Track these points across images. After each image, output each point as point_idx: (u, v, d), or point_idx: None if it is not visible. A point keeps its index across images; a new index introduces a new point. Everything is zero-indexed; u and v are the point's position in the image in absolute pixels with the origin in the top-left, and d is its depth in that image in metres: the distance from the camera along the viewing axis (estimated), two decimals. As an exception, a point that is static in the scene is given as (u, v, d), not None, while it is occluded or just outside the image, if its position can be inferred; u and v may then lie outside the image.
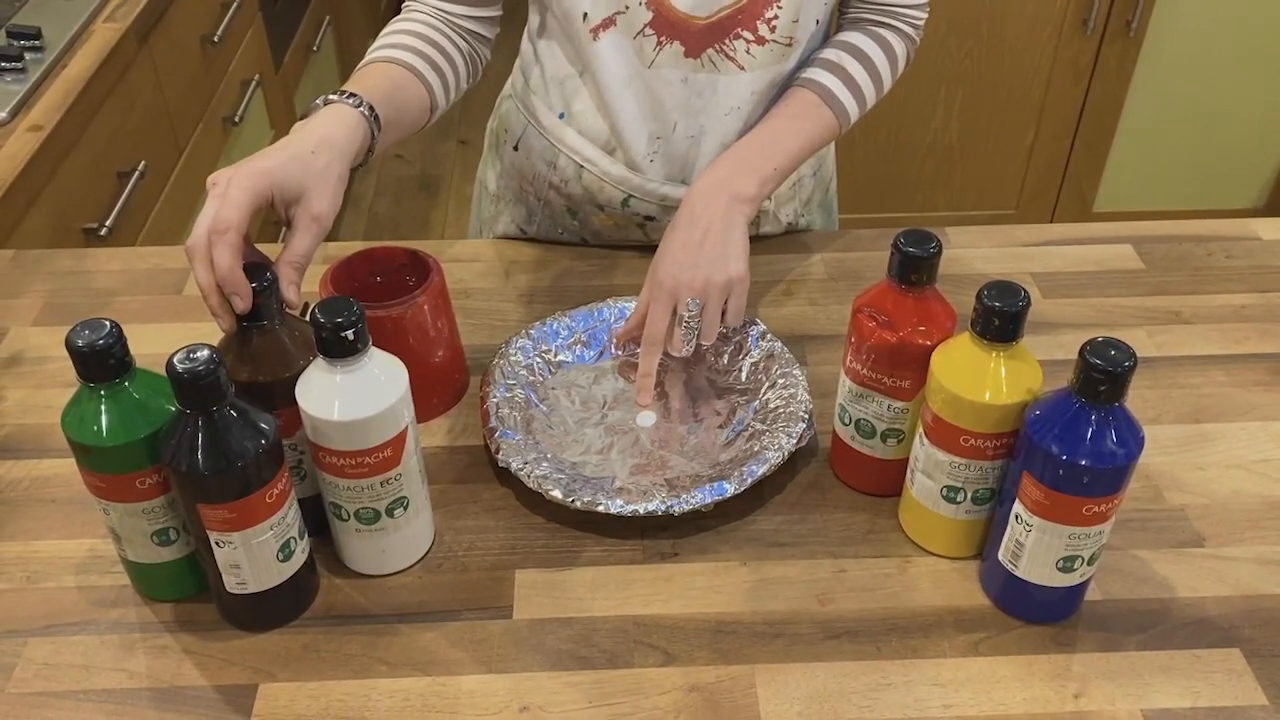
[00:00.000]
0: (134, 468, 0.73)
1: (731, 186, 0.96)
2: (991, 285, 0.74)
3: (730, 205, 0.95)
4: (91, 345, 0.68)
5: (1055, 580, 0.76)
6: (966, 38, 2.27)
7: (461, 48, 1.03)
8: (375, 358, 0.75)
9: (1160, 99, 2.39)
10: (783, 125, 1.02)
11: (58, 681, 0.76)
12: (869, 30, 1.07)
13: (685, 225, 0.95)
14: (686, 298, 0.93)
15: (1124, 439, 0.70)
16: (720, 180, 0.97)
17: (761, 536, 0.86)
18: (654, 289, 0.95)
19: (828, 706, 0.74)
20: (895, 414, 0.83)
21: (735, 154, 1.00)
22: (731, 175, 0.97)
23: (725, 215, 0.95)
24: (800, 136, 1.01)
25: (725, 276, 0.93)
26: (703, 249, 0.94)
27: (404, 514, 0.80)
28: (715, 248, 0.94)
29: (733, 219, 0.95)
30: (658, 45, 1.00)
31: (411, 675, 0.76)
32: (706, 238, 0.94)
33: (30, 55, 1.45)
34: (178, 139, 1.78)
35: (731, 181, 0.97)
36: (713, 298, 0.93)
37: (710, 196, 0.96)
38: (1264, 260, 1.14)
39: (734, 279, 0.94)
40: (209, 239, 0.75)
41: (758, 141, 1.01)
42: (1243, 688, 0.75)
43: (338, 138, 0.84)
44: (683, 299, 0.93)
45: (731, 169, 0.98)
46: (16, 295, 1.10)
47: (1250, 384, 0.99)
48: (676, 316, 0.94)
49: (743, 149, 1.00)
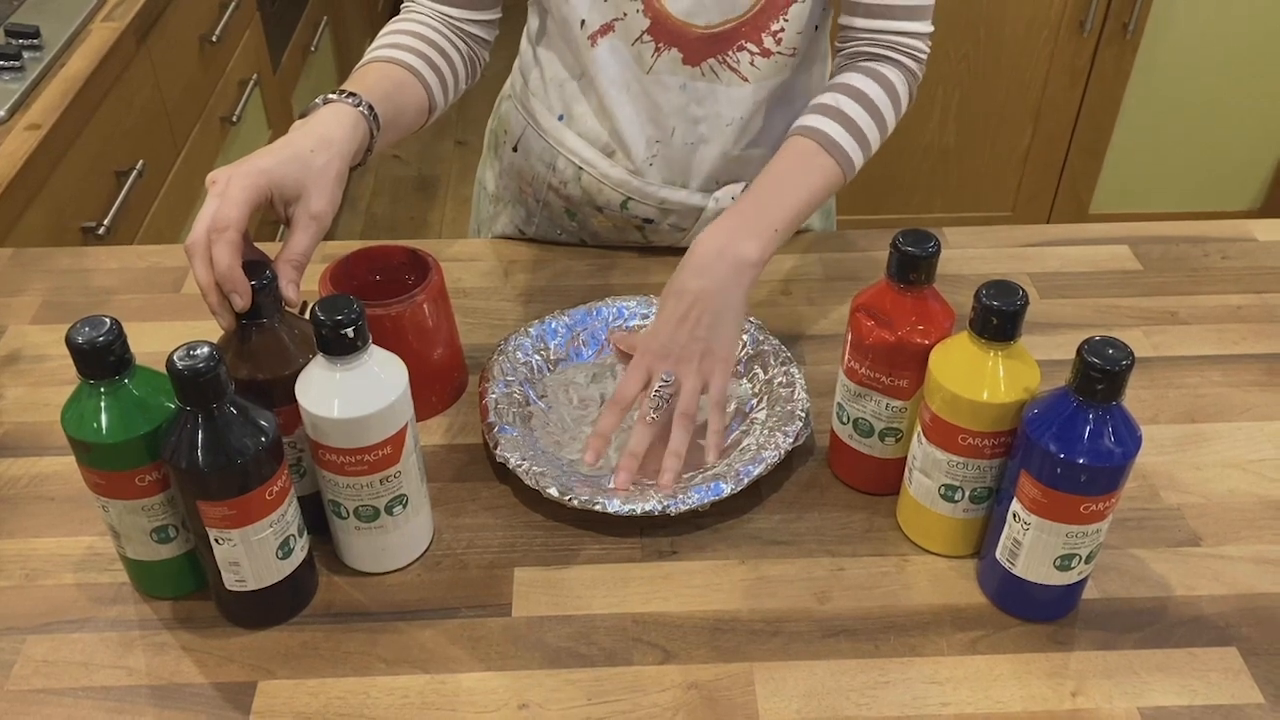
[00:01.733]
0: (133, 465, 0.73)
1: (732, 254, 0.89)
2: (990, 285, 0.74)
3: (731, 276, 0.89)
4: (92, 342, 0.69)
5: (1053, 579, 0.76)
6: (963, 40, 2.27)
7: (461, 49, 1.03)
8: (375, 356, 0.75)
9: (1157, 101, 2.39)
10: (783, 179, 0.95)
11: (57, 679, 0.76)
12: (866, 68, 1.00)
13: (676, 294, 0.89)
14: (662, 370, 0.88)
15: (1121, 438, 0.70)
16: (720, 248, 0.89)
17: (760, 535, 0.86)
18: (639, 348, 0.90)
19: (825, 704, 0.74)
20: (893, 413, 0.84)
21: (734, 215, 0.92)
22: (731, 240, 0.90)
23: (722, 288, 0.88)
24: (802, 190, 0.94)
25: (707, 357, 0.88)
26: (684, 324, 0.88)
27: (403, 512, 0.80)
28: (701, 325, 0.88)
29: (729, 292, 0.89)
30: (655, 52, 1.00)
31: (410, 673, 0.76)
32: (691, 313, 0.88)
33: (28, 54, 1.45)
34: (176, 138, 1.78)
35: (731, 248, 0.89)
36: (690, 377, 0.88)
37: (708, 266, 0.89)
38: (1260, 261, 1.15)
39: (718, 360, 0.89)
40: (208, 237, 0.75)
41: (757, 200, 0.93)
42: (1239, 686, 0.75)
43: (337, 137, 0.84)
44: (657, 371, 0.89)
45: (731, 233, 0.90)
46: (15, 293, 1.10)
47: (1246, 384, 1.00)
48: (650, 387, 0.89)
49: (742, 209, 0.93)
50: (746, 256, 0.89)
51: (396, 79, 0.96)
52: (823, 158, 0.96)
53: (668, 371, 0.88)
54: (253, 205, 0.78)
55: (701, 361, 0.88)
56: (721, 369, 0.89)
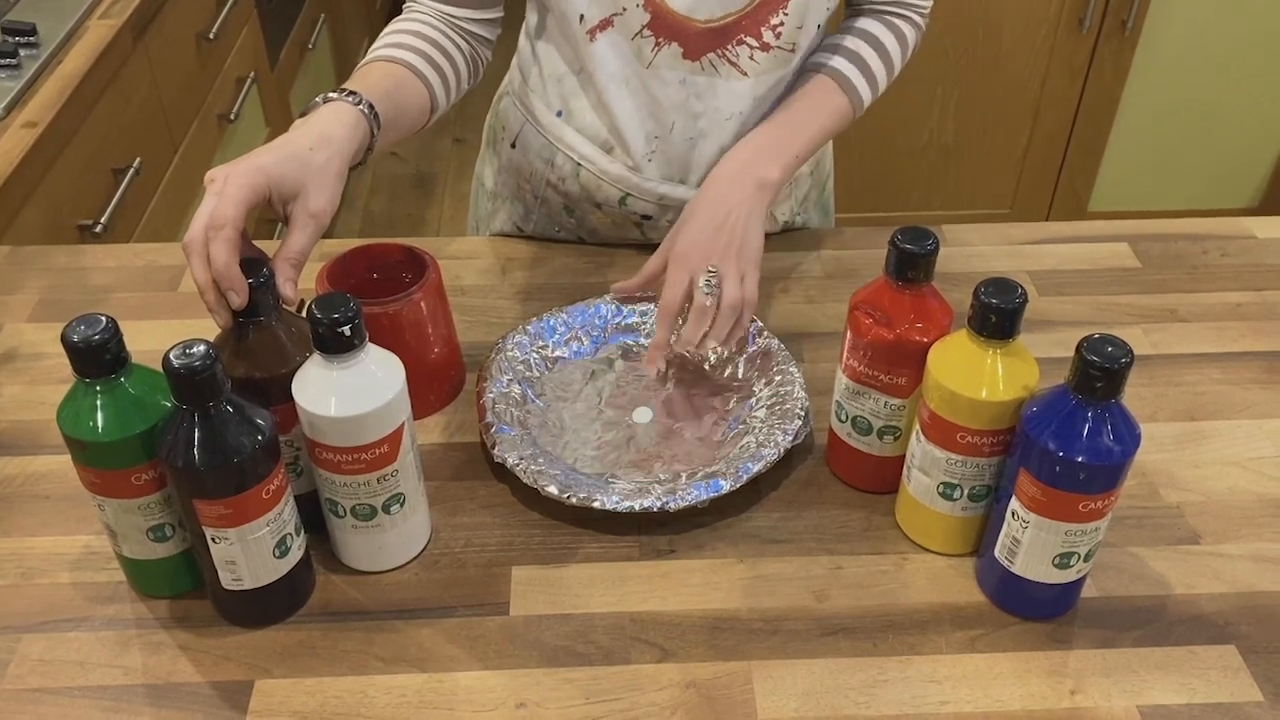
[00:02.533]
0: (130, 463, 0.72)
1: (756, 172, 0.97)
2: (989, 282, 0.74)
3: (755, 192, 0.97)
4: (87, 340, 0.68)
5: (1052, 577, 0.76)
6: (962, 37, 2.27)
7: (463, 48, 1.03)
8: (372, 354, 0.75)
9: (1156, 98, 2.39)
10: (803, 112, 1.03)
11: (53, 678, 0.75)
12: (881, 18, 1.07)
13: (709, 205, 0.96)
14: (705, 268, 0.93)
15: (1121, 435, 0.70)
16: (745, 165, 0.98)
17: (758, 533, 0.86)
18: (673, 259, 0.95)
19: (824, 703, 0.74)
20: (892, 411, 0.83)
21: (758, 139, 1.00)
22: (755, 160, 0.98)
23: (749, 201, 0.96)
24: (818, 123, 1.03)
25: (742, 256, 0.94)
26: (723, 230, 0.95)
27: (400, 510, 0.80)
28: (736, 230, 0.95)
29: (755, 207, 0.97)
30: (655, 46, 1.00)
31: (408, 672, 0.76)
32: (729, 220, 0.95)
33: (25, 51, 1.45)
34: (173, 136, 1.78)
35: (755, 167, 0.98)
36: (731, 271, 0.93)
37: (735, 181, 0.97)
38: (1259, 258, 1.15)
39: (750, 261, 0.95)
40: (205, 235, 0.75)
41: (780, 127, 1.01)
42: (1238, 684, 0.75)
43: (337, 135, 0.84)
44: (700, 270, 0.93)
45: (755, 154, 0.99)
46: (11, 291, 1.10)
47: (1246, 382, 0.99)
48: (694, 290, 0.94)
49: (765, 135, 1.01)
50: (768, 177, 0.98)
51: (398, 78, 0.95)
52: (840, 98, 1.04)
53: (711, 269, 0.93)
54: (250, 203, 0.78)
55: (738, 258, 0.94)
56: (753, 269, 0.95)
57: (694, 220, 0.96)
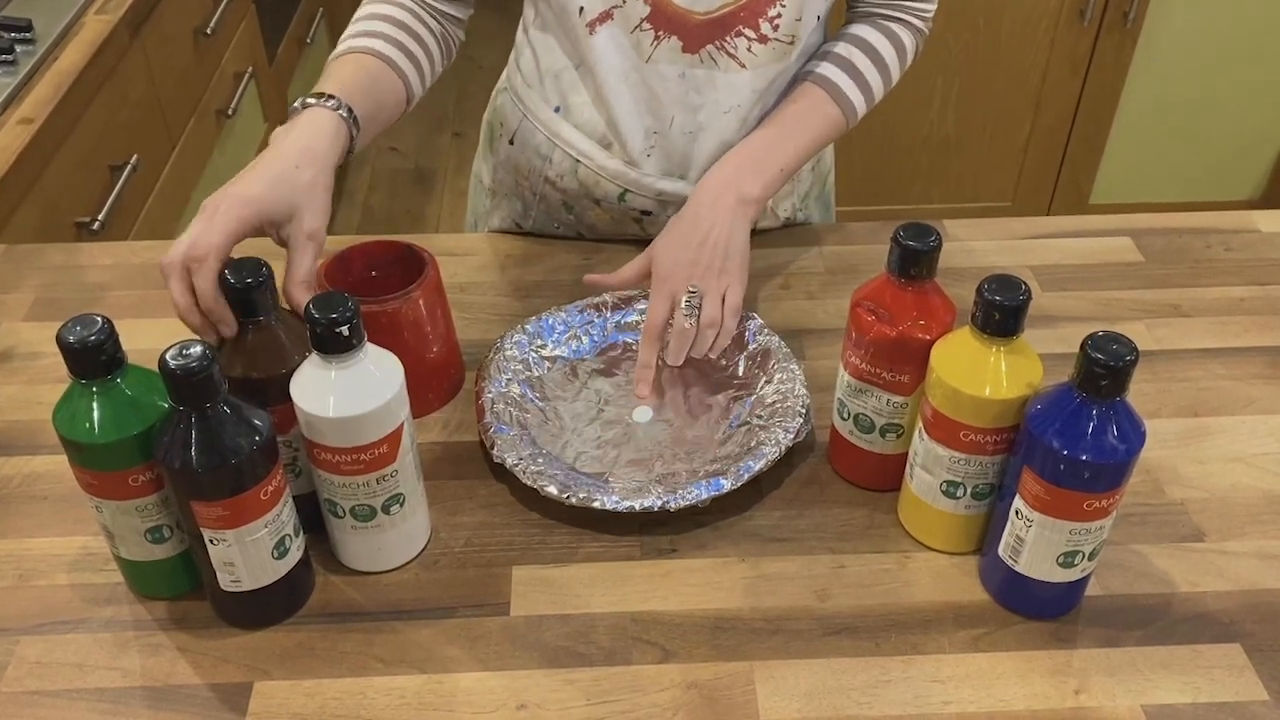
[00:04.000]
0: (126, 465, 0.72)
1: (738, 188, 0.97)
2: (992, 279, 0.73)
3: (736, 207, 0.96)
4: (83, 341, 0.68)
5: (1055, 576, 0.76)
6: (963, 29, 2.26)
7: (434, 29, 1.03)
8: (370, 353, 0.74)
9: (1157, 90, 2.38)
10: (790, 123, 1.02)
11: (51, 680, 0.75)
12: (878, 24, 1.06)
13: (689, 223, 0.96)
14: (685, 288, 0.94)
15: (1125, 434, 0.69)
16: (726, 181, 0.98)
17: (759, 532, 0.85)
18: (655, 281, 0.95)
19: (827, 703, 0.73)
20: (894, 409, 0.83)
21: (742, 153, 1.00)
22: (738, 175, 0.98)
23: (730, 217, 0.96)
24: (806, 134, 1.02)
25: (724, 273, 0.95)
26: (704, 248, 0.95)
27: (400, 511, 0.79)
28: (718, 248, 0.95)
29: (736, 222, 0.96)
30: (655, 40, 1.00)
31: (408, 673, 0.76)
32: (710, 237, 0.95)
33: (21, 48, 1.44)
34: (170, 132, 1.77)
35: (737, 182, 0.97)
36: (712, 288, 0.94)
37: (716, 196, 0.97)
38: (1263, 253, 1.14)
39: (733, 276, 0.95)
40: (185, 262, 0.76)
41: (764, 141, 1.01)
42: (1243, 683, 0.75)
43: (319, 148, 0.85)
44: (682, 291, 0.94)
45: (737, 169, 0.98)
46: (7, 290, 1.09)
47: (1250, 377, 0.99)
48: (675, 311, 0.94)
49: (749, 148, 1.00)
50: (749, 193, 0.97)
51: (373, 72, 0.96)
52: (831, 107, 1.03)
53: (692, 288, 0.94)
54: (238, 236, 0.79)
55: (720, 276, 0.95)
56: (737, 284, 0.96)
57: (675, 238, 0.96)
